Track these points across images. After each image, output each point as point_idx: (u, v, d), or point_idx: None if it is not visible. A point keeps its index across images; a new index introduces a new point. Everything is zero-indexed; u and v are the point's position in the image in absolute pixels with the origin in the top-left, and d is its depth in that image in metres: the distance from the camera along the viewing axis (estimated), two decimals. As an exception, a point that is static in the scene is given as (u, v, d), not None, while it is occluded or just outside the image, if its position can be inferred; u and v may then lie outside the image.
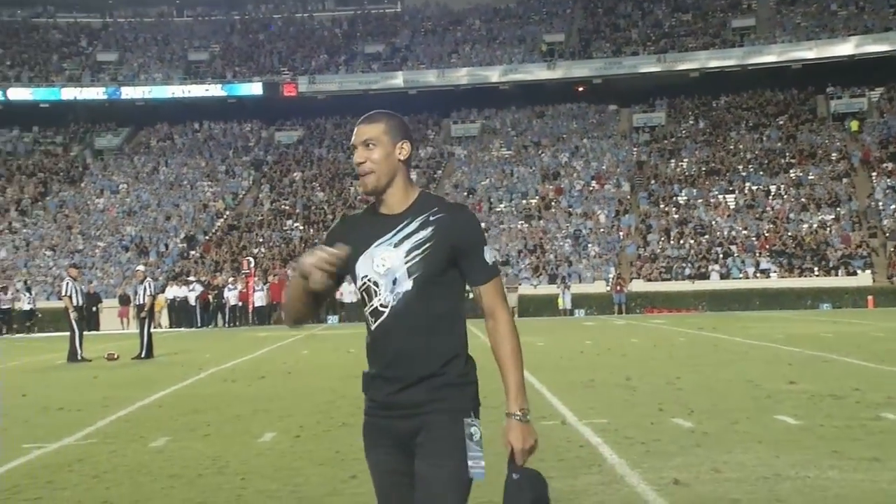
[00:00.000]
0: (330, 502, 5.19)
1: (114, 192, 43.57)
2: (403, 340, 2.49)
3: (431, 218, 2.49)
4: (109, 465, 6.48)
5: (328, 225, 33.08)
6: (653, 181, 40.86)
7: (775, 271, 33.65)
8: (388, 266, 2.49)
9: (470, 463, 2.46)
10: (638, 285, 33.64)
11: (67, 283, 16.94)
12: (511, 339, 2.52)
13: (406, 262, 2.47)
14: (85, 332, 16.97)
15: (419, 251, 2.47)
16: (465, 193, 41.52)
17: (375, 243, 2.51)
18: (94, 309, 29.34)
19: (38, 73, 49.28)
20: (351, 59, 50.32)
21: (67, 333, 16.64)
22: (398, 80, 47.86)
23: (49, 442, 7.47)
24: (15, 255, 38.00)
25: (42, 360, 17.35)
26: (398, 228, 2.50)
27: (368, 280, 2.51)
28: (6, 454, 6.97)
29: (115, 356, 16.39)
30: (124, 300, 32.70)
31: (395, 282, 2.48)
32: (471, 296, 2.61)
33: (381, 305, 2.50)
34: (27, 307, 31.73)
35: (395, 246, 2.49)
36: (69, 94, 48.09)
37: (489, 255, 2.54)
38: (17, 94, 47.77)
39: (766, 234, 35.69)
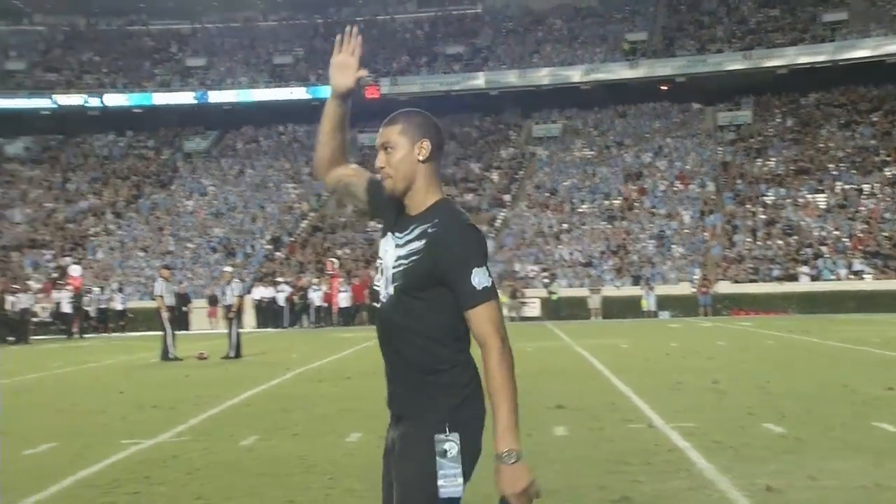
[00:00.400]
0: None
1: (202, 195, 44.66)
2: (386, 344, 2.47)
3: (429, 230, 2.38)
4: (202, 462, 6.64)
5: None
6: (739, 181, 40.01)
7: (869, 273, 32.60)
8: (386, 263, 2.46)
9: (441, 482, 2.30)
10: (724, 287, 32.97)
11: (160, 284, 17.42)
12: (499, 371, 2.30)
13: (393, 268, 2.42)
14: (176, 332, 17.42)
15: (405, 261, 2.39)
16: (547, 194, 41.31)
17: (392, 232, 2.47)
18: (184, 309, 30.09)
19: (132, 79, 50.85)
20: (432, 60, 50.58)
21: (159, 333, 17.10)
22: (479, 80, 47.90)
23: (145, 438, 7.69)
24: (111, 256, 39.26)
25: (136, 359, 17.87)
26: (407, 231, 2.43)
27: (380, 264, 2.48)
28: (106, 449, 7.20)
29: (206, 355, 16.78)
30: (213, 300, 33.46)
31: (387, 282, 2.44)
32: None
33: (382, 298, 2.46)
34: (119, 307, 32.75)
35: (397, 247, 2.44)
36: (160, 99, 49.49)
37: (480, 278, 2.32)
38: (114, 99, 49.38)
39: (860, 235, 34.61)
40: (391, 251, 2.45)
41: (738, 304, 31.73)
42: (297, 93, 47.97)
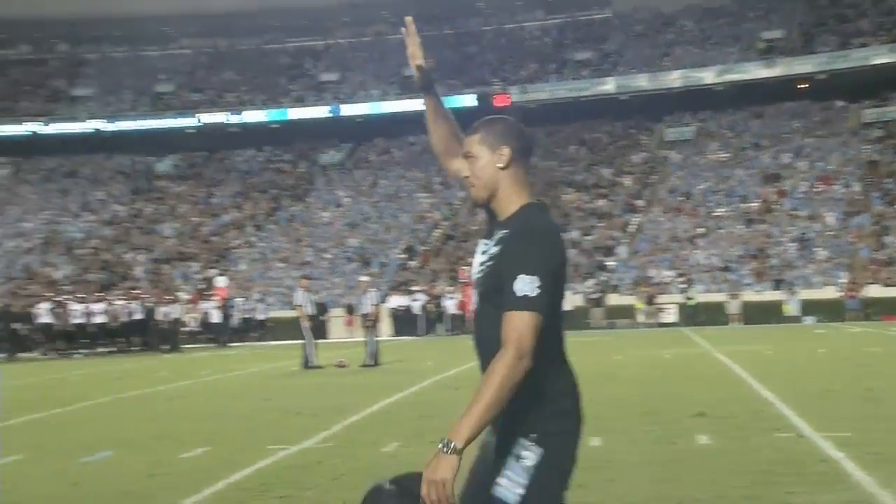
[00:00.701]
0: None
1: (337, 206, 45.74)
2: (477, 352, 2.48)
3: (504, 235, 2.39)
4: (346, 468, 6.77)
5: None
6: (888, 180, 38.08)
7: None
8: (473, 270, 2.48)
9: (502, 481, 2.31)
10: (874, 290, 31.40)
11: (300, 294, 17.92)
12: (490, 375, 2.26)
13: (476, 274, 2.45)
14: (316, 341, 17.85)
15: (483, 266, 2.42)
16: (681, 198, 40.38)
17: (482, 239, 2.49)
18: (322, 318, 30.87)
19: (269, 95, 52.66)
20: (561, 66, 50.28)
21: (300, 341, 17.57)
22: (609, 85, 47.29)
23: (291, 444, 7.91)
24: (252, 267, 40.70)
25: (279, 367, 18.42)
26: (493, 237, 2.44)
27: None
28: (255, 454, 7.45)
29: (345, 363, 17.13)
30: (350, 309, 34.18)
31: (473, 289, 2.49)
32: None
33: (471, 307, 2.53)
34: (261, 317, 33.89)
35: (482, 253, 2.45)
36: (296, 113, 51.03)
37: (524, 286, 2.26)
38: (253, 116, 51.23)
39: None
40: (477, 258, 2.47)
41: (891, 308, 30.16)
42: (428, 104, 48.45)
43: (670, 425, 8.07)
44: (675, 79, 46.22)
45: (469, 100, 48.12)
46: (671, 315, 32.41)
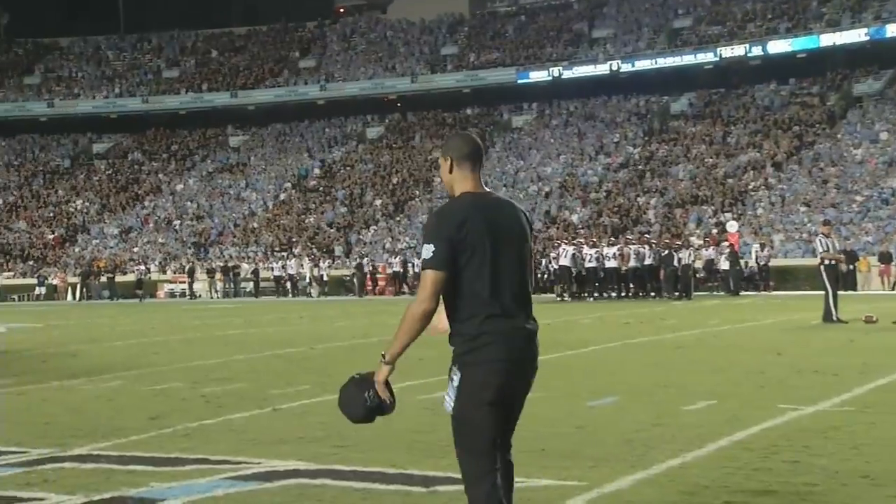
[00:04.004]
0: None
1: (873, 142, 42.31)
2: None
3: None
4: (867, 437, 6.33)
5: None
6: None
7: None
8: None
9: (444, 395, 3.53)
10: None
11: (821, 240, 17.00)
12: (403, 317, 3.49)
13: None
14: (840, 292, 16.83)
15: None
16: None
17: None
18: (850, 267, 28.99)
19: (797, 22, 50.26)
20: None
21: (821, 292, 16.70)
22: None
23: (804, 405, 7.59)
24: (770, 211, 39.48)
25: (795, 320, 17.74)
26: None
27: None
28: (762, 412, 7.28)
29: (874, 319, 15.94)
30: (885, 258, 31.70)
31: None
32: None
33: None
34: (777, 264, 32.72)
35: None
36: (827, 40, 48.00)
37: (423, 251, 3.44)
38: (776, 46, 49.29)
39: None
40: None
41: None
42: None
43: None
44: None
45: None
46: None
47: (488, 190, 3.72)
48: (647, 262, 29.04)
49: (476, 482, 3.45)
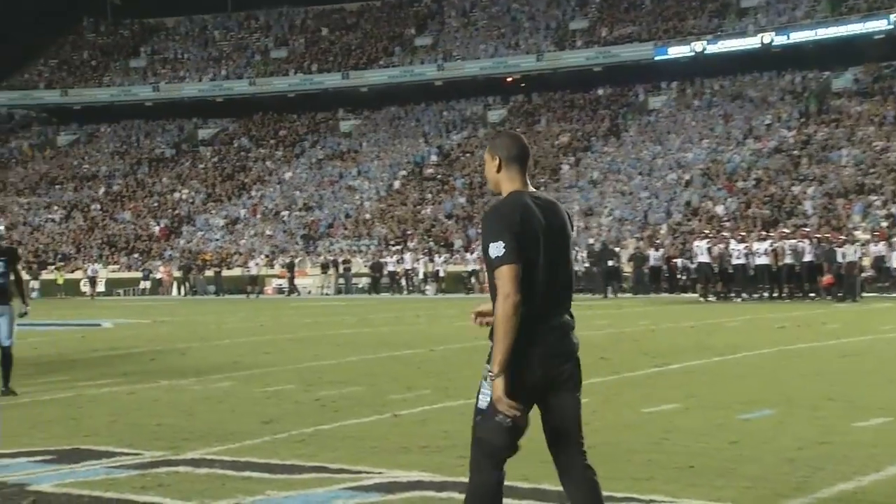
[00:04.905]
0: None
1: None
2: None
3: None
4: None
5: None
6: None
7: None
8: None
9: (479, 396, 3.77)
10: None
11: None
12: (496, 321, 3.71)
13: None
14: None
15: None
16: None
17: None
18: None
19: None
20: None
21: None
22: None
23: None
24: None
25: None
26: None
27: None
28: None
29: None
30: None
31: None
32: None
33: None
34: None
35: None
36: None
37: (492, 249, 3.69)
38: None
39: None
40: None
41: None
42: None
43: None
44: None
45: None
46: None
47: (533, 189, 3.99)
48: (806, 258, 28.20)
49: (483, 469, 3.75)
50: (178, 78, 65.17)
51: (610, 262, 33.44)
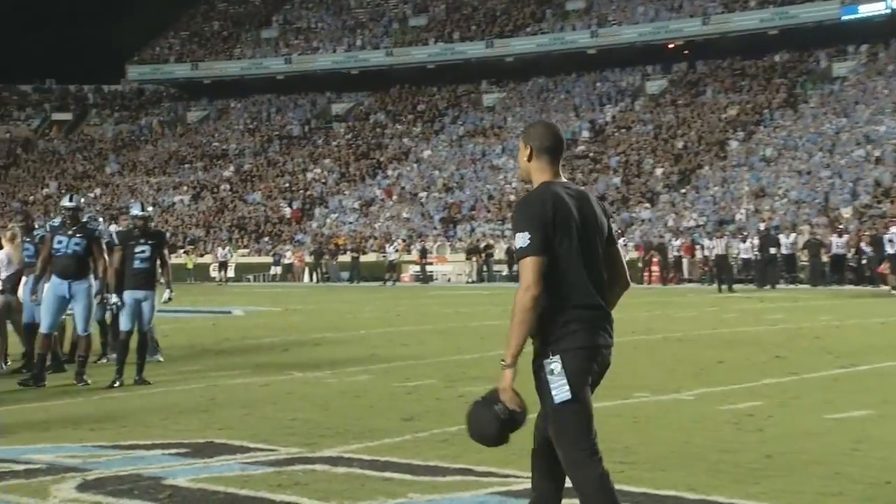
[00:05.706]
0: None
1: None
2: None
3: None
4: None
5: None
6: None
7: None
8: None
9: (553, 391, 4.03)
10: None
11: None
12: (513, 312, 4.08)
13: None
14: None
15: None
16: None
17: None
18: None
19: None
20: None
21: None
22: None
23: None
24: None
25: None
26: None
27: None
28: None
29: None
30: None
31: None
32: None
33: None
34: None
35: None
36: None
37: (518, 240, 4.03)
38: None
39: None
40: None
41: None
42: None
43: None
44: None
45: None
46: None
47: (566, 179, 4.26)
48: None
49: (583, 464, 4.05)
50: (311, 49, 66.42)
51: (772, 250, 32.41)
